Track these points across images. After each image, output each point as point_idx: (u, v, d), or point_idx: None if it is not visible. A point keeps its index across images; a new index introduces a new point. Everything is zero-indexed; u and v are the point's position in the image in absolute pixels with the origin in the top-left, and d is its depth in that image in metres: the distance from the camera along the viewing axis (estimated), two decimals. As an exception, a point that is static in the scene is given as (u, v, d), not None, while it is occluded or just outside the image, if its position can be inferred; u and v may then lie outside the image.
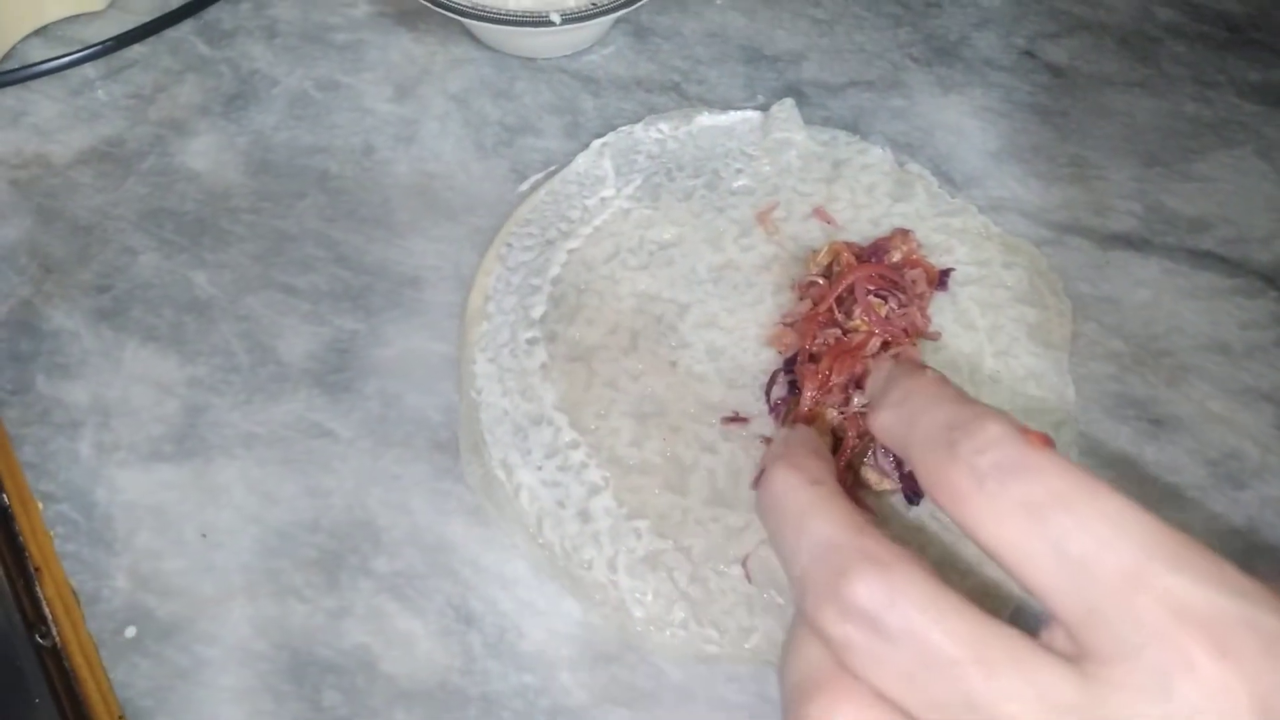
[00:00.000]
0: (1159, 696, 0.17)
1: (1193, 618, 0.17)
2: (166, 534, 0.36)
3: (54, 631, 0.35)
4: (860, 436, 0.34)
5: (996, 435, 0.20)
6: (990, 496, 0.19)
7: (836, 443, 0.34)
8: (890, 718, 0.19)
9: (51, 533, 0.36)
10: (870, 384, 0.30)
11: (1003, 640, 0.19)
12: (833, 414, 0.34)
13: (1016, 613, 0.31)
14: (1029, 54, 0.50)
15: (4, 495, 0.37)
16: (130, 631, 0.34)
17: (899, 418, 0.23)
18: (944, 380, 0.24)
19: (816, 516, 0.22)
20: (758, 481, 0.26)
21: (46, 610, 0.35)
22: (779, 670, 0.22)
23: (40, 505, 0.37)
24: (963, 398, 0.23)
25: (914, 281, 0.38)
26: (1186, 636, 0.17)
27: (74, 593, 0.35)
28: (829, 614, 0.20)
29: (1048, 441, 0.20)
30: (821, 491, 0.23)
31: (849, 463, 0.34)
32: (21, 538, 0.36)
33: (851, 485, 0.35)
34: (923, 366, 0.26)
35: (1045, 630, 0.20)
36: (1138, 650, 0.18)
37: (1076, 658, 0.19)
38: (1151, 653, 0.17)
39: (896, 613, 0.19)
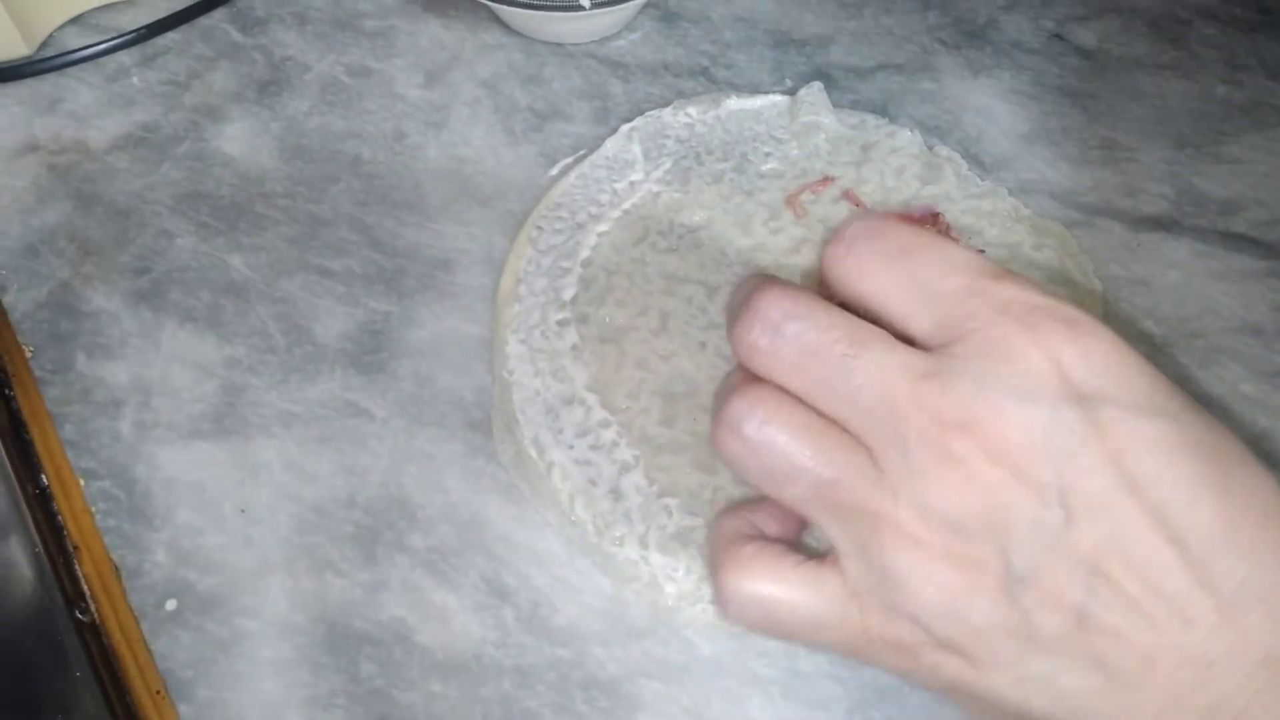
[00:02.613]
0: (987, 356, 0.22)
1: (1010, 308, 0.23)
2: (206, 510, 0.36)
3: (93, 608, 0.35)
4: None
5: (861, 217, 0.26)
6: (856, 256, 0.25)
7: None
8: (788, 399, 0.25)
9: (92, 509, 0.37)
10: None
11: (873, 332, 0.24)
12: None
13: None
14: (1058, 37, 0.50)
15: (43, 475, 0.38)
16: (171, 605, 0.34)
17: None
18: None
19: (750, 281, 0.27)
20: None
21: (85, 587, 0.36)
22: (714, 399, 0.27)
23: (81, 482, 0.37)
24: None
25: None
26: (1005, 319, 0.23)
27: (115, 568, 0.35)
28: (743, 326, 0.25)
29: (908, 219, 0.26)
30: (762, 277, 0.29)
31: None
32: (60, 517, 0.37)
33: None
34: None
35: None
36: (971, 332, 0.23)
37: (930, 351, 0.24)
38: (981, 331, 0.23)
39: (792, 320, 0.24)
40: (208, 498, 0.36)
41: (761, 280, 0.26)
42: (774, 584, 0.25)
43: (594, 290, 0.41)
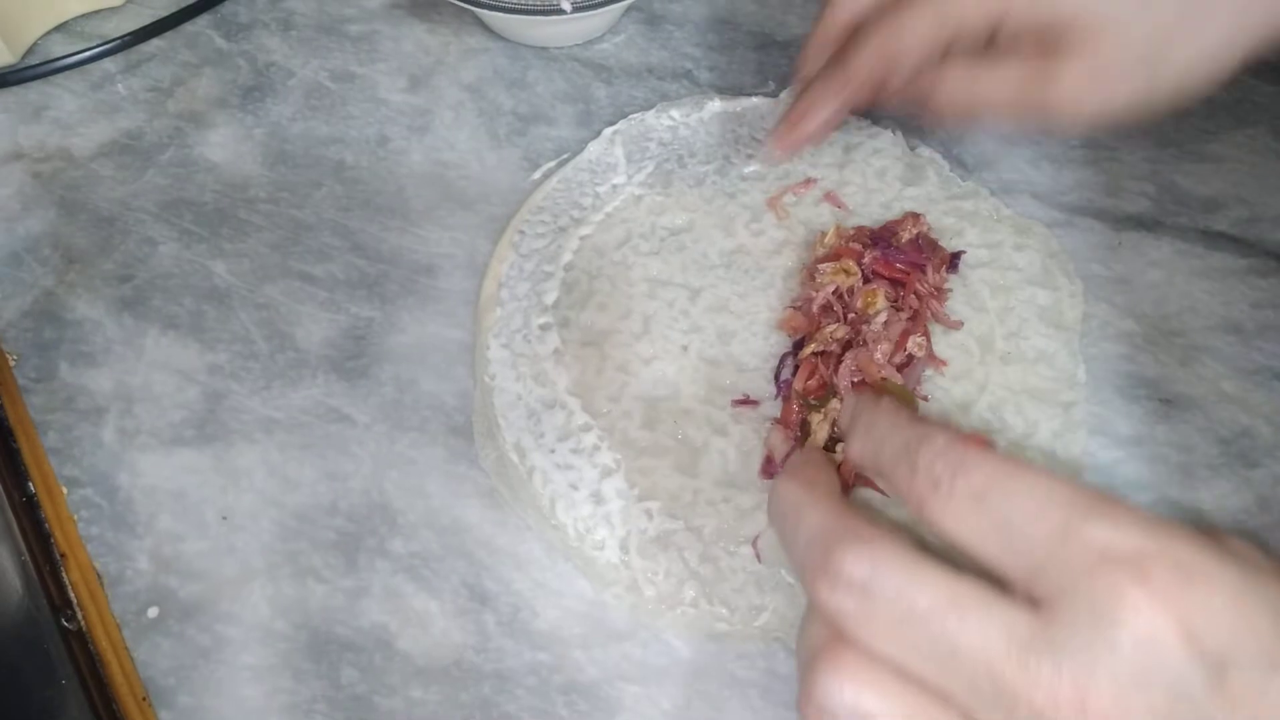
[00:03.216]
0: (1098, 623, 0.20)
1: (1116, 556, 0.21)
2: (188, 517, 0.36)
3: (79, 615, 0.36)
4: None
5: (943, 445, 0.24)
6: (945, 495, 0.23)
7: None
8: (882, 670, 0.22)
9: (75, 517, 0.37)
10: (840, 418, 0.33)
11: (972, 589, 0.22)
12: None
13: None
14: (1041, 36, 0.50)
15: (30, 484, 0.38)
16: (153, 612, 0.35)
17: (867, 445, 0.27)
18: (898, 407, 0.28)
19: (810, 509, 0.26)
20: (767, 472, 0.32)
21: (72, 595, 0.36)
22: (795, 656, 0.25)
23: (65, 490, 0.37)
24: (914, 419, 0.26)
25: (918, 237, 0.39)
26: (1114, 573, 0.20)
27: (98, 576, 0.36)
28: (823, 587, 0.23)
29: (984, 442, 0.24)
30: (817, 492, 0.26)
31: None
32: (47, 525, 0.37)
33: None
34: (879, 397, 0.29)
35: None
36: (1076, 589, 0.21)
37: (1032, 607, 0.22)
38: (1087, 589, 0.21)
39: (880, 577, 0.22)
40: (189, 505, 0.37)
41: (835, 527, 0.24)
42: None
43: (576, 294, 0.41)
